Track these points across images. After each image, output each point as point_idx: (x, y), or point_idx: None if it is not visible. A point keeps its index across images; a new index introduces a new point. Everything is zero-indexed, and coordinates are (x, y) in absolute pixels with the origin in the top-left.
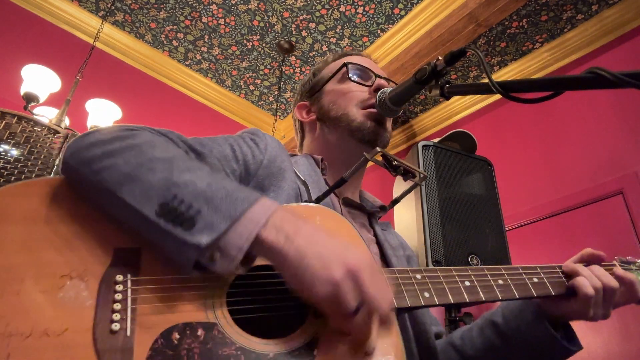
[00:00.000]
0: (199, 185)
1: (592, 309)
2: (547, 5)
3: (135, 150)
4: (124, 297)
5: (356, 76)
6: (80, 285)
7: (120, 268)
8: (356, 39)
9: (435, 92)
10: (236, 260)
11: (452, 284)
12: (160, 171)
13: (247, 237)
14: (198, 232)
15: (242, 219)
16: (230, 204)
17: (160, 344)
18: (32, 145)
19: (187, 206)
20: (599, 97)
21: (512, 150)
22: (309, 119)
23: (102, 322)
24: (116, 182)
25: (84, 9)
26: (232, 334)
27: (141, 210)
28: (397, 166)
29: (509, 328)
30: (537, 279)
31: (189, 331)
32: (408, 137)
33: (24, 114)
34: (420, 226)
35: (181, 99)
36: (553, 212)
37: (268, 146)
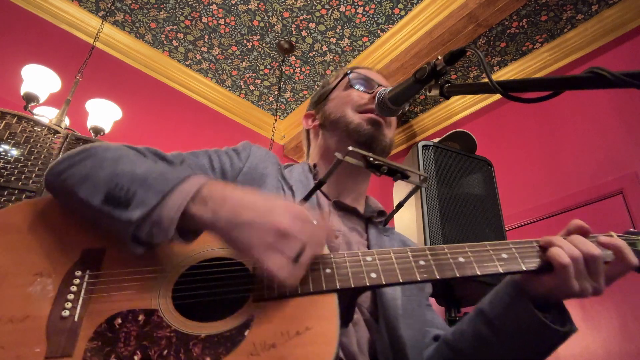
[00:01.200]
0: (136, 172)
1: (577, 282)
2: (547, 5)
3: (92, 157)
4: (78, 289)
5: (358, 84)
6: (47, 281)
7: (81, 266)
8: (356, 39)
9: (435, 92)
10: (170, 230)
11: (404, 264)
12: (107, 168)
13: (177, 209)
14: (132, 209)
15: (172, 194)
16: (162, 181)
17: (103, 328)
18: (32, 145)
19: (126, 190)
20: (599, 97)
21: (512, 150)
22: (313, 125)
23: (56, 310)
24: (75, 184)
25: (84, 9)
26: (170, 319)
27: (91, 202)
28: (378, 165)
29: (495, 314)
30: (507, 255)
31: (131, 316)
32: (408, 137)
33: (24, 114)
34: (420, 226)
35: (181, 99)
36: (553, 212)
37: (251, 155)
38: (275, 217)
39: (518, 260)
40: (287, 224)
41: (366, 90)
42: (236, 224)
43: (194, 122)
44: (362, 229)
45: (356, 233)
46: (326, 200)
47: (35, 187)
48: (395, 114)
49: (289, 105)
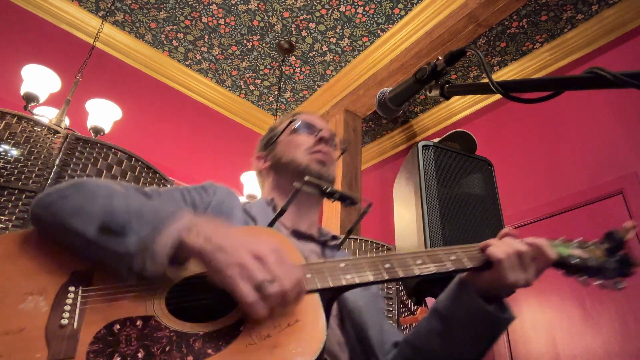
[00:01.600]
0: (131, 206)
1: (510, 274)
2: (547, 5)
3: (83, 191)
4: (74, 302)
5: (303, 128)
6: (39, 299)
7: (73, 283)
8: (356, 39)
9: (435, 92)
10: (163, 262)
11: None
12: (101, 202)
13: (171, 239)
14: (128, 240)
15: (166, 226)
16: (156, 216)
17: (103, 333)
18: (32, 145)
19: (121, 223)
20: (598, 98)
21: (512, 150)
22: (264, 166)
23: (54, 320)
24: (66, 215)
25: (84, 9)
26: (167, 322)
27: (85, 233)
28: (331, 192)
29: (445, 308)
30: (454, 257)
31: (129, 322)
32: (408, 137)
33: (24, 114)
34: (420, 226)
35: (181, 99)
36: (553, 212)
37: (217, 191)
38: (255, 244)
39: (463, 260)
40: (264, 251)
41: (310, 133)
42: (219, 247)
43: (194, 122)
44: (319, 253)
45: (315, 255)
46: (285, 230)
47: (35, 187)
48: (395, 114)
49: (289, 105)
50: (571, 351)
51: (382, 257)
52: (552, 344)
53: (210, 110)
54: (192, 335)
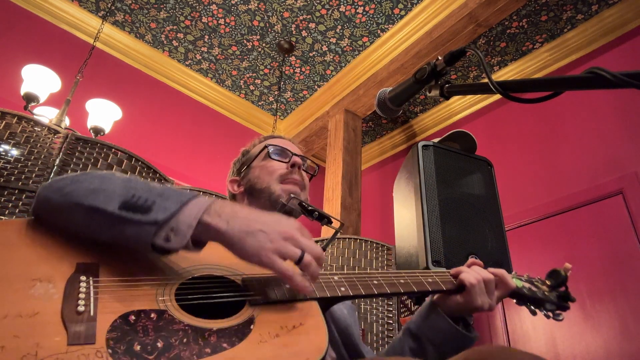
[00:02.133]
0: (152, 187)
1: (479, 298)
2: (547, 5)
3: (98, 177)
4: (87, 291)
5: (276, 154)
6: (48, 285)
7: (82, 274)
8: (356, 39)
9: (435, 92)
10: (187, 236)
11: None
12: (119, 184)
13: (195, 216)
14: (154, 214)
15: (189, 204)
16: (178, 195)
17: (119, 322)
18: (32, 145)
19: (144, 200)
20: (598, 98)
21: (512, 150)
22: (239, 191)
23: (69, 306)
24: (83, 195)
25: (84, 9)
26: (180, 317)
27: (105, 208)
28: (311, 211)
29: (418, 327)
30: (431, 280)
31: (143, 314)
32: (408, 137)
33: (24, 114)
34: (420, 226)
35: (181, 99)
36: (553, 212)
37: None
38: (282, 226)
39: (439, 282)
40: (291, 230)
41: (282, 159)
42: (247, 232)
43: (194, 122)
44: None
45: None
46: None
47: (35, 187)
48: (395, 114)
49: (289, 105)
50: (571, 351)
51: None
52: (552, 344)
53: (210, 110)
54: (206, 330)
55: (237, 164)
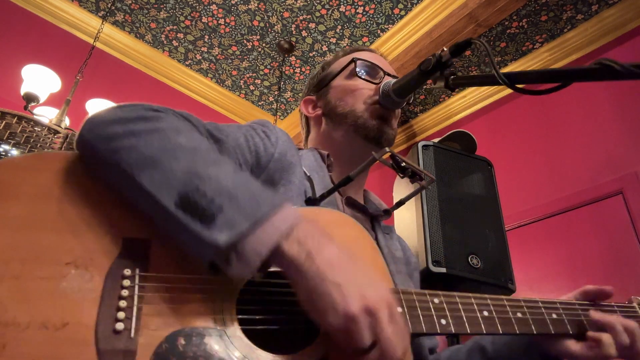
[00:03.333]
0: (223, 181)
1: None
2: (547, 5)
3: (159, 134)
4: (130, 294)
5: (364, 73)
6: (85, 276)
7: (128, 261)
8: (356, 39)
9: (440, 84)
10: (253, 266)
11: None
12: (183, 160)
13: (268, 244)
14: (217, 229)
15: (265, 223)
16: (254, 204)
17: (165, 349)
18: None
19: (209, 200)
20: (599, 97)
21: (512, 150)
22: (315, 114)
23: (106, 319)
24: (135, 164)
25: (84, 9)
26: (239, 345)
27: (160, 198)
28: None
29: (497, 356)
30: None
31: (195, 337)
32: (408, 137)
33: (24, 114)
34: (420, 226)
35: (181, 99)
36: (553, 212)
37: (279, 139)
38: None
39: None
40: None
41: (371, 79)
42: (325, 279)
43: None
44: (369, 228)
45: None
46: (339, 196)
47: None
48: (399, 106)
49: (289, 105)
50: None
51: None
52: None
53: (210, 110)
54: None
55: (314, 79)
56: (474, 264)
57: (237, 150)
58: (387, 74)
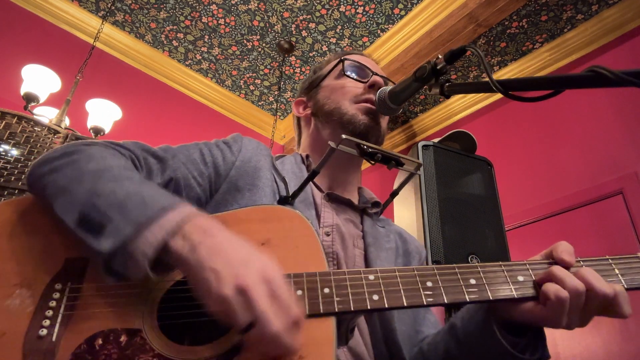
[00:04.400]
0: (118, 194)
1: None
2: (547, 5)
3: (73, 165)
4: (57, 305)
5: (352, 72)
6: (26, 294)
7: (63, 277)
8: (356, 39)
9: (435, 91)
10: (143, 266)
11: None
12: (87, 183)
13: (154, 244)
14: (104, 239)
15: (151, 226)
16: (141, 210)
17: (82, 349)
18: (32, 145)
19: (102, 214)
20: (599, 98)
21: (512, 150)
22: (305, 114)
23: (34, 327)
24: (53, 195)
25: (84, 9)
26: (153, 340)
27: (65, 220)
28: (373, 153)
29: (464, 332)
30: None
31: (112, 337)
32: (408, 137)
33: (24, 114)
34: (420, 226)
35: (181, 99)
36: (553, 212)
37: (243, 148)
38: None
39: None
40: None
41: (360, 78)
42: (204, 267)
43: (194, 122)
44: (357, 221)
45: (352, 224)
46: (319, 193)
47: None
48: (395, 113)
49: (289, 105)
50: (571, 351)
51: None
52: (552, 343)
53: (210, 110)
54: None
55: (305, 83)
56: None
57: (188, 165)
58: (374, 74)
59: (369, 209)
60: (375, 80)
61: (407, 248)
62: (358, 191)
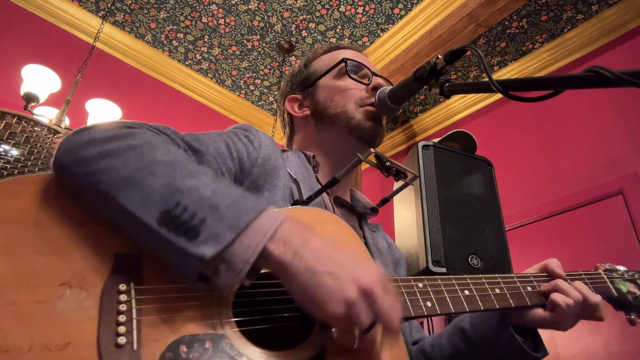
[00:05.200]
0: (203, 192)
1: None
2: (547, 5)
3: (135, 152)
4: (128, 308)
5: (354, 73)
6: (80, 295)
7: (122, 276)
8: (356, 39)
9: (435, 91)
10: (242, 273)
11: (452, 293)
12: (162, 176)
13: (254, 250)
14: (202, 243)
15: (249, 230)
16: (236, 213)
17: (168, 358)
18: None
19: (191, 214)
20: (599, 97)
21: (512, 150)
22: (302, 114)
23: (107, 335)
24: (114, 185)
25: (84, 9)
26: (239, 346)
27: (141, 217)
28: (389, 167)
29: (476, 335)
30: (531, 288)
31: (197, 344)
32: (408, 137)
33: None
34: (420, 226)
35: (181, 99)
36: (553, 212)
37: (262, 144)
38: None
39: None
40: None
41: (361, 80)
42: (317, 272)
43: (194, 122)
44: (357, 225)
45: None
46: (327, 197)
47: None
48: (395, 113)
49: None
50: (571, 351)
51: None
52: (552, 344)
53: (210, 110)
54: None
55: (296, 77)
56: (474, 264)
57: (218, 159)
58: (374, 74)
59: (368, 215)
60: (378, 83)
61: (394, 254)
62: (350, 193)
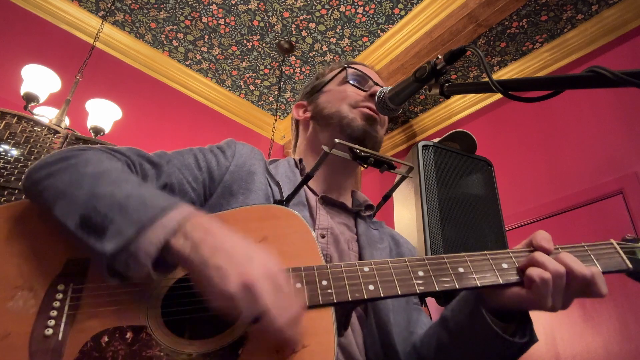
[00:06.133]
0: (117, 197)
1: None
2: (547, 5)
3: (71, 170)
4: (61, 305)
5: (354, 80)
6: (28, 295)
7: (65, 278)
8: (356, 39)
9: (435, 91)
10: (146, 266)
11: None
12: (86, 187)
13: (156, 243)
14: (107, 240)
15: (155, 225)
16: (142, 211)
17: (89, 347)
18: (32, 145)
19: (102, 216)
20: (599, 97)
21: (512, 150)
22: (304, 117)
23: (39, 327)
24: (52, 200)
25: (84, 9)
26: (159, 336)
27: (66, 224)
28: (365, 157)
29: (455, 323)
30: (507, 265)
31: (118, 334)
32: (408, 137)
33: (24, 114)
34: (420, 226)
35: (181, 99)
36: (553, 212)
37: (237, 153)
38: (246, 267)
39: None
40: (256, 278)
41: (361, 87)
42: (208, 264)
43: (194, 122)
44: (351, 224)
45: (346, 227)
46: (313, 196)
47: None
48: (394, 113)
49: (289, 105)
50: (571, 351)
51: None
52: (552, 344)
53: (210, 110)
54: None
55: (307, 88)
56: None
57: (183, 170)
58: (376, 84)
59: (362, 212)
60: (375, 91)
61: (400, 250)
62: (352, 194)
